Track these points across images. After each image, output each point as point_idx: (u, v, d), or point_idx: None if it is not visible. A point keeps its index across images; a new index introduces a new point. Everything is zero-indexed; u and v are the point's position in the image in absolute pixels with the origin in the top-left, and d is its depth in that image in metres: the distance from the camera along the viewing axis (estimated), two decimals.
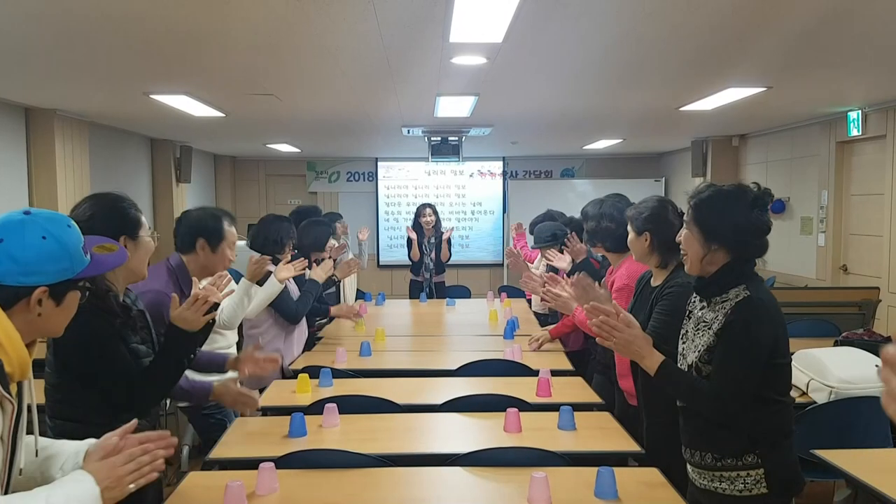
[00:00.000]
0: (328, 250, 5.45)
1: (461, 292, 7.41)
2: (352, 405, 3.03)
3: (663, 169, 11.10)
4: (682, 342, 2.24)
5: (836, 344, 4.03)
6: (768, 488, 2.03)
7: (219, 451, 2.63)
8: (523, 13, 3.11)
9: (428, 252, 7.01)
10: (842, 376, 3.21)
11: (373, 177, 11.35)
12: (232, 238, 3.04)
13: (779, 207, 7.68)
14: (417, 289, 7.12)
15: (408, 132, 7.63)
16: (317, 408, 2.97)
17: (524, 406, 3.01)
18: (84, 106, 5.97)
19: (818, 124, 6.94)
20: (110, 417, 1.98)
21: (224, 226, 3.01)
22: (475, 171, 11.31)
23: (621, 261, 3.47)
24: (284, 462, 2.44)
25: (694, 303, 2.24)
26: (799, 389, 3.36)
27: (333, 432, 2.83)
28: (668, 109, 6.11)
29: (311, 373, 3.48)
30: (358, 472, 2.43)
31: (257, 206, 11.36)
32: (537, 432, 2.80)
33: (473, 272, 11.16)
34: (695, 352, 2.13)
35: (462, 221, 11.40)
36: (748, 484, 2.04)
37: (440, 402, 3.13)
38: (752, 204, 2.10)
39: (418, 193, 11.32)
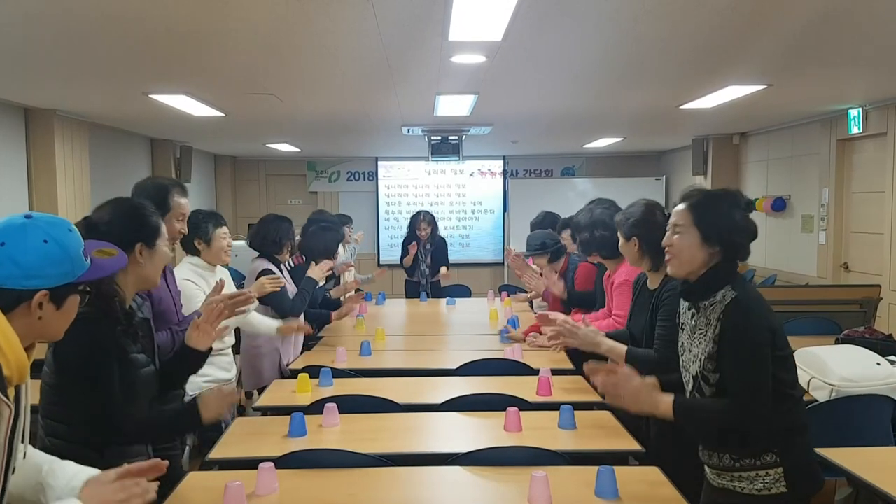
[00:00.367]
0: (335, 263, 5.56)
1: (461, 291, 7.39)
2: (352, 405, 3.02)
3: (664, 167, 11.09)
4: (681, 354, 2.24)
5: (838, 342, 4.02)
6: (788, 487, 2.01)
7: (218, 452, 2.62)
8: (522, 11, 3.11)
9: (423, 258, 6.99)
10: (843, 374, 3.20)
11: (373, 176, 11.35)
12: (180, 209, 2.97)
13: (780, 205, 7.68)
14: (413, 288, 7.11)
15: (408, 131, 7.62)
16: (317, 407, 2.96)
17: (524, 405, 3.00)
18: (84, 106, 5.96)
19: (819, 122, 6.93)
20: (100, 426, 1.98)
21: (171, 197, 2.94)
22: (475, 170, 11.31)
23: (616, 266, 3.51)
24: (284, 462, 2.43)
25: (684, 313, 2.23)
26: (801, 389, 3.35)
27: (333, 432, 2.83)
28: (669, 108, 6.10)
29: (311, 372, 3.47)
30: (358, 472, 2.43)
31: (258, 206, 11.36)
32: (537, 431, 2.79)
33: (474, 271, 11.15)
34: (696, 361, 2.12)
35: (462, 220, 11.40)
36: (767, 483, 2.03)
37: (440, 401, 3.13)
38: (744, 208, 2.12)
39: (418, 193, 11.32)
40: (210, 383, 3.28)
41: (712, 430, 2.12)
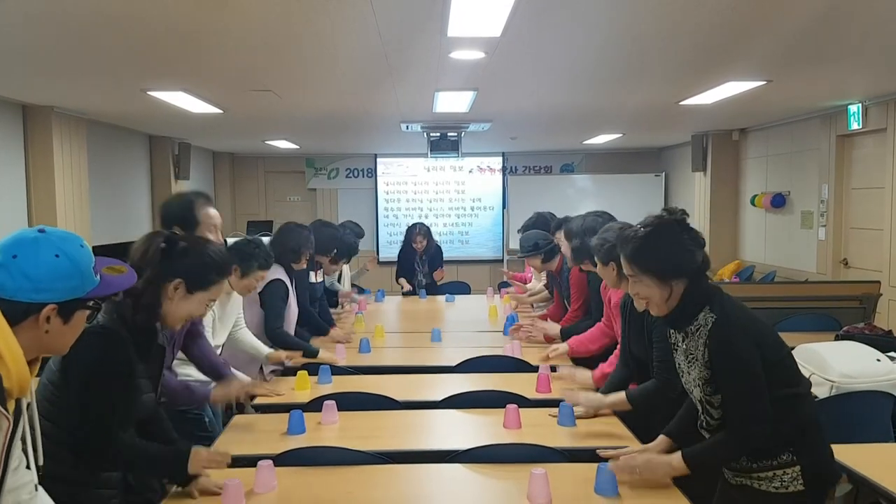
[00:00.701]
0: (342, 299, 5.73)
1: (461, 288, 7.38)
2: (351, 402, 3.02)
3: (663, 163, 11.08)
4: (681, 376, 2.24)
5: (837, 338, 4.02)
6: (805, 485, 2.02)
7: (217, 449, 2.61)
8: (521, 7, 3.10)
9: (420, 268, 6.95)
10: (843, 371, 3.19)
11: (372, 173, 11.34)
12: (210, 221, 2.95)
13: (779, 202, 7.67)
14: (410, 290, 7.04)
15: (406, 128, 7.61)
16: (316, 405, 2.95)
17: (524, 402, 2.99)
18: (82, 103, 5.95)
19: (818, 118, 6.92)
20: (85, 438, 1.96)
21: (198, 210, 2.92)
22: (474, 166, 11.29)
23: None
24: (283, 460, 2.42)
25: (675, 335, 2.23)
26: (807, 383, 3.34)
27: (332, 429, 2.82)
28: (668, 104, 6.09)
29: (309, 369, 3.47)
30: (357, 470, 2.42)
31: (256, 203, 11.36)
32: (537, 428, 2.78)
33: (473, 268, 11.14)
34: (696, 387, 2.13)
35: (461, 217, 11.39)
36: (785, 482, 2.03)
37: (439, 398, 3.12)
38: (678, 228, 2.10)
39: (417, 189, 11.31)
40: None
41: (731, 461, 2.14)
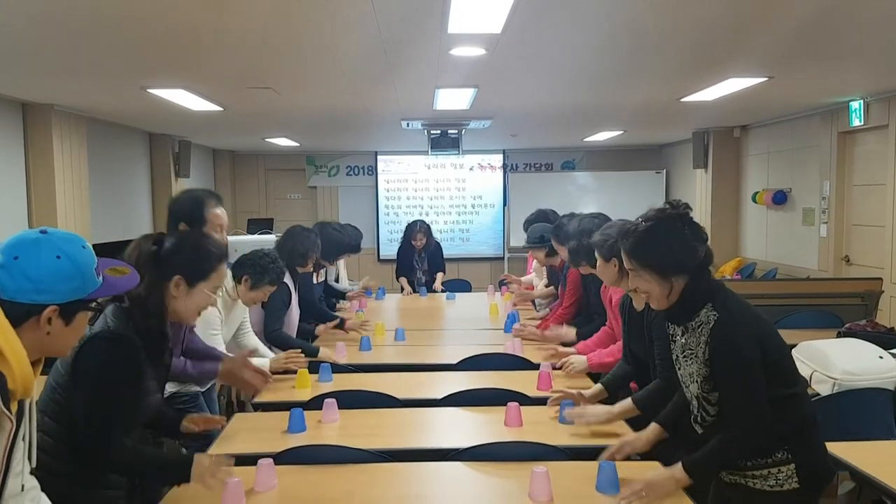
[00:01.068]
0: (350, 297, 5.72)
1: (461, 286, 7.37)
2: (351, 400, 3.01)
3: (664, 160, 11.07)
4: (678, 368, 2.23)
5: (839, 335, 4.01)
6: (800, 483, 2.01)
7: (217, 448, 2.60)
8: (522, 3, 3.08)
9: (420, 265, 6.94)
10: (845, 368, 3.19)
11: (372, 171, 11.32)
12: (217, 221, 2.95)
13: (780, 199, 7.66)
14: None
15: (407, 125, 7.59)
16: (316, 403, 2.95)
17: (525, 400, 2.99)
18: (82, 101, 5.94)
19: (820, 114, 6.91)
20: (89, 441, 1.95)
21: (206, 209, 2.91)
22: (475, 164, 11.28)
23: None
24: (283, 458, 2.42)
25: (673, 328, 2.22)
26: (804, 381, 3.34)
27: (333, 428, 2.82)
28: (669, 100, 6.08)
29: (310, 368, 3.46)
30: (358, 468, 2.41)
31: (257, 201, 11.35)
32: (538, 426, 2.78)
33: (474, 266, 11.14)
34: (693, 382, 2.12)
35: (462, 215, 11.38)
36: (780, 480, 2.02)
37: (440, 396, 3.11)
38: (681, 223, 2.07)
39: (418, 187, 11.29)
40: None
41: (732, 462, 2.11)
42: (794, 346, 3.28)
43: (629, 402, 2.72)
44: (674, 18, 3.45)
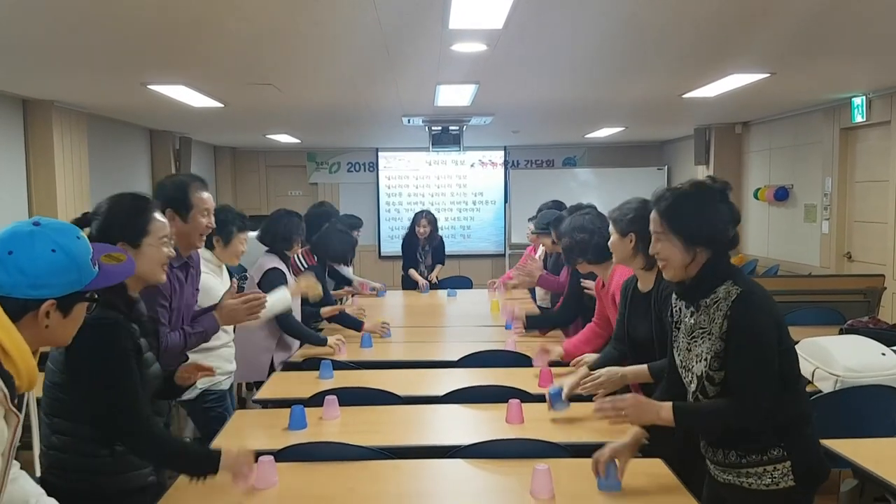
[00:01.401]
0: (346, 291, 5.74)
1: (462, 283, 7.36)
2: (352, 397, 3.01)
3: (666, 157, 11.05)
4: (677, 354, 2.19)
5: (842, 332, 4.00)
6: (796, 480, 1.99)
7: (218, 444, 2.60)
8: None
9: (423, 258, 6.94)
10: (847, 365, 3.18)
11: (373, 167, 11.31)
12: (203, 205, 2.88)
13: (782, 195, 7.64)
14: (410, 284, 7.01)
15: (408, 122, 7.58)
16: (317, 400, 2.95)
17: (526, 397, 2.99)
18: (82, 97, 5.93)
19: (822, 111, 6.89)
20: (104, 424, 1.95)
21: (191, 193, 2.85)
22: (476, 160, 11.26)
23: (609, 271, 3.31)
24: (284, 455, 2.41)
25: (680, 311, 2.19)
26: (804, 378, 3.33)
27: (334, 424, 2.81)
28: (671, 97, 6.06)
29: (311, 364, 3.46)
30: (359, 465, 2.41)
31: (258, 198, 11.34)
32: (539, 423, 2.78)
33: (475, 263, 11.13)
34: (700, 361, 2.08)
35: (463, 212, 11.37)
36: (776, 478, 2.00)
37: (441, 393, 3.11)
38: (718, 198, 2.06)
39: (419, 184, 11.28)
40: (220, 375, 3.31)
41: (715, 430, 2.10)
42: (797, 342, 3.27)
43: (644, 368, 2.71)
44: (675, 14, 3.43)
